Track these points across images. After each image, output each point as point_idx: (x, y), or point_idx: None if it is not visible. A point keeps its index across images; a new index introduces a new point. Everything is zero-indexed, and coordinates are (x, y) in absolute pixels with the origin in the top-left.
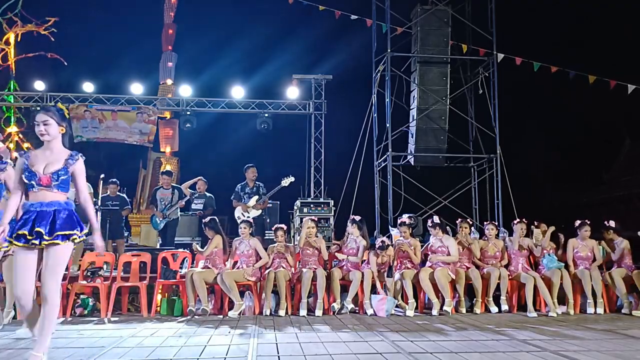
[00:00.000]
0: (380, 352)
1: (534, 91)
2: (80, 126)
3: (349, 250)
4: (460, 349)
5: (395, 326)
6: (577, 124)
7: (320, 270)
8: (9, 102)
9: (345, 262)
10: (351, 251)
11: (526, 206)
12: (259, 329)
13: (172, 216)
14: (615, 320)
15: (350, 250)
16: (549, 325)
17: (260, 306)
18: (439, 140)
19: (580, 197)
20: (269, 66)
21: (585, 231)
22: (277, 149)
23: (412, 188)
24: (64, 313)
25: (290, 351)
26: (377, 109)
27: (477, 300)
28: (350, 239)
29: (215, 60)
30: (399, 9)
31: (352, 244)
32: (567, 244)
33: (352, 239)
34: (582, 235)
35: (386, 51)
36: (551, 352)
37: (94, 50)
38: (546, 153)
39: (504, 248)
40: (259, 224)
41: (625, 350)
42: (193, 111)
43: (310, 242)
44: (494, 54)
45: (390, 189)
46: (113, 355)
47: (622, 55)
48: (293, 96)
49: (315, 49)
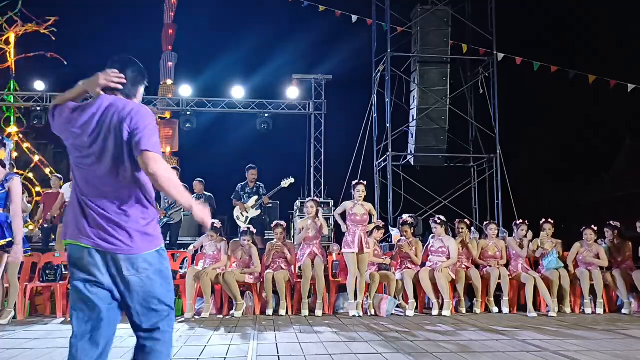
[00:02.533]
0: (380, 352)
1: (534, 91)
2: None
3: (437, 250)
4: (460, 349)
5: (395, 326)
6: (577, 124)
7: (318, 260)
8: (9, 102)
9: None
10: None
11: (526, 206)
12: (259, 329)
13: (175, 217)
14: (615, 320)
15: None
16: (549, 325)
17: (260, 306)
18: (439, 140)
19: (580, 197)
20: (269, 66)
21: (590, 234)
22: (277, 149)
23: (412, 188)
24: (64, 313)
25: (290, 351)
26: (377, 109)
27: (477, 300)
28: (437, 239)
29: (215, 60)
30: (399, 9)
31: (438, 243)
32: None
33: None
34: (586, 239)
35: (386, 51)
36: (551, 352)
37: (94, 50)
38: (546, 153)
39: (504, 248)
40: (259, 223)
41: (625, 350)
42: (193, 111)
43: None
44: (494, 54)
45: (390, 189)
46: (113, 355)
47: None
48: (293, 96)
49: (315, 49)
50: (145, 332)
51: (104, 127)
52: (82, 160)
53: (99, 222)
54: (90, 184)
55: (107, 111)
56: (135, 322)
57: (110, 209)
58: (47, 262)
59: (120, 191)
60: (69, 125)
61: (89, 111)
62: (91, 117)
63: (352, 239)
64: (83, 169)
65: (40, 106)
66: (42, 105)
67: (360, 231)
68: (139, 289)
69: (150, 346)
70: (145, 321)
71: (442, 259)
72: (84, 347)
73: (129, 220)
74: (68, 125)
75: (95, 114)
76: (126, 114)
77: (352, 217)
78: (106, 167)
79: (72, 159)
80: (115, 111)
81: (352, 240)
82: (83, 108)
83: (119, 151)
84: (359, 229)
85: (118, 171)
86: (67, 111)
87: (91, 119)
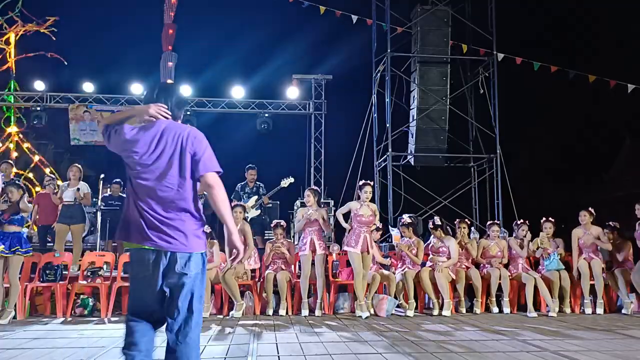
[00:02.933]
0: (380, 352)
1: (534, 91)
2: (78, 128)
3: (438, 250)
4: (460, 349)
5: (395, 326)
6: (577, 124)
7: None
8: (9, 102)
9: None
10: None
11: (526, 206)
12: (259, 329)
13: None
14: (615, 320)
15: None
16: (549, 325)
17: (260, 306)
18: (439, 140)
19: (580, 197)
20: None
21: (584, 216)
22: (277, 149)
23: (412, 188)
24: (64, 313)
25: (290, 351)
26: (377, 109)
27: (477, 300)
28: (438, 239)
29: (215, 60)
30: (399, 9)
31: (439, 243)
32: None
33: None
34: (582, 221)
35: (386, 51)
36: (551, 352)
37: (94, 50)
38: (546, 153)
39: (505, 247)
40: (259, 223)
41: (625, 350)
42: (193, 111)
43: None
44: (494, 54)
45: (390, 189)
46: (113, 355)
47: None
48: (293, 96)
49: (315, 49)
50: (177, 332)
51: (166, 149)
52: (144, 175)
53: (158, 226)
54: (151, 195)
55: (166, 134)
56: (172, 317)
57: (168, 215)
58: (47, 262)
59: (178, 201)
60: (130, 145)
61: (148, 133)
62: (152, 139)
63: (356, 239)
64: (144, 182)
65: (40, 106)
66: (42, 105)
67: (365, 232)
68: (186, 285)
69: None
70: (181, 319)
71: (443, 258)
72: (142, 328)
73: (184, 224)
74: (128, 145)
75: (155, 136)
76: (186, 138)
77: (358, 218)
78: (167, 182)
79: (131, 173)
80: (173, 134)
81: (356, 240)
82: (142, 130)
83: (182, 170)
84: (364, 230)
85: (178, 185)
86: (124, 133)
87: (152, 141)
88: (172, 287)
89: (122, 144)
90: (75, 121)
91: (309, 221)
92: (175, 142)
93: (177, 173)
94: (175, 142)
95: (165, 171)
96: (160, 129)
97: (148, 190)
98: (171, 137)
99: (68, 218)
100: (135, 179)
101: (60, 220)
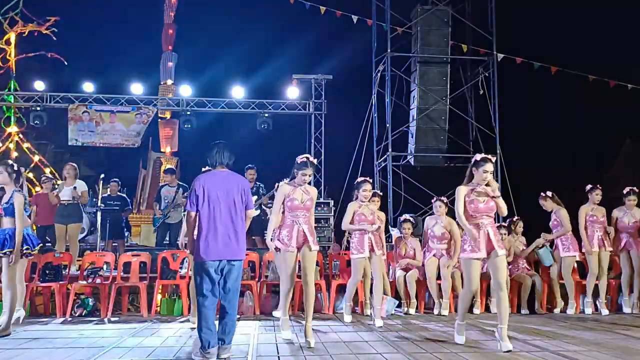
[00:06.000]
0: (380, 352)
1: (534, 91)
2: (77, 129)
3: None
4: (460, 349)
5: (395, 326)
6: (577, 124)
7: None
8: (9, 102)
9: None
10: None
11: (526, 206)
12: (259, 329)
13: (175, 216)
14: (615, 320)
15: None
16: (549, 325)
17: (260, 306)
18: (439, 140)
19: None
20: (269, 66)
21: (596, 195)
22: (277, 149)
23: (412, 188)
24: (64, 313)
25: (290, 351)
26: (377, 109)
27: (477, 300)
28: (438, 225)
29: (215, 60)
30: (399, 9)
31: (439, 229)
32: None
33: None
34: (593, 199)
35: (386, 51)
36: (551, 352)
37: (94, 50)
38: (546, 153)
39: (510, 248)
40: (258, 223)
41: (625, 350)
42: (193, 111)
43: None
44: (494, 54)
45: (390, 189)
46: (113, 355)
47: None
48: (293, 96)
49: (315, 49)
50: (228, 305)
51: (230, 191)
52: (217, 207)
53: (226, 241)
54: (222, 220)
55: (228, 181)
56: (225, 295)
57: (231, 234)
58: (47, 262)
59: (236, 223)
60: (212, 187)
61: (219, 180)
62: (220, 183)
63: (360, 241)
64: (216, 211)
65: (40, 106)
66: (42, 105)
67: (369, 233)
68: (235, 276)
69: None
70: (232, 297)
71: (444, 246)
72: (211, 300)
73: (238, 239)
74: (212, 187)
75: (222, 183)
76: (240, 185)
77: (360, 218)
78: (232, 211)
79: (209, 204)
80: (233, 181)
81: (360, 243)
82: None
83: (239, 204)
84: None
85: (237, 213)
86: (211, 179)
87: (221, 185)
88: (227, 278)
89: (209, 188)
90: (74, 122)
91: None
92: (236, 187)
93: (238, 206)
94: (236, 188)
95: (231, 205)
96: (224, 177)
97: (220, 216)
98: (233, 184)
99: (65, 217)
100: (212, 208)
101: (57, 220)
